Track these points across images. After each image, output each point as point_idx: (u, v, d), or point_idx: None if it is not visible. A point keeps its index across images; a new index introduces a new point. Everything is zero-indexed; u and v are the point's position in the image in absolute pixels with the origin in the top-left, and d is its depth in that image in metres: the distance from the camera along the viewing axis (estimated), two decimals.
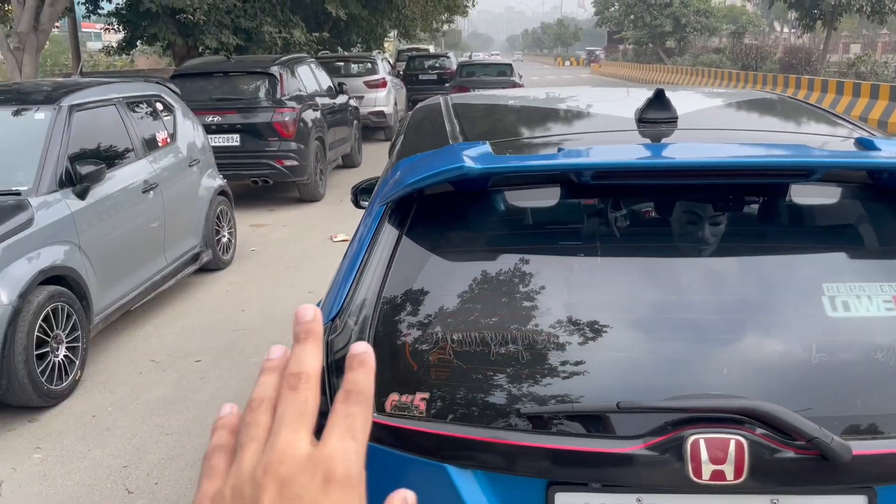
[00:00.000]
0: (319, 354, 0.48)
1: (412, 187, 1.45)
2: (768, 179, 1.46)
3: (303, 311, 0.49)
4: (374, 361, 0.46)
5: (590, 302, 1.45)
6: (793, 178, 1.44)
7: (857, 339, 1.37)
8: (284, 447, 0.44)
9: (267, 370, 0.49)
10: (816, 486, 1.28)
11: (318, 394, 0.46)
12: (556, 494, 1.33)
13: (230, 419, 0.49)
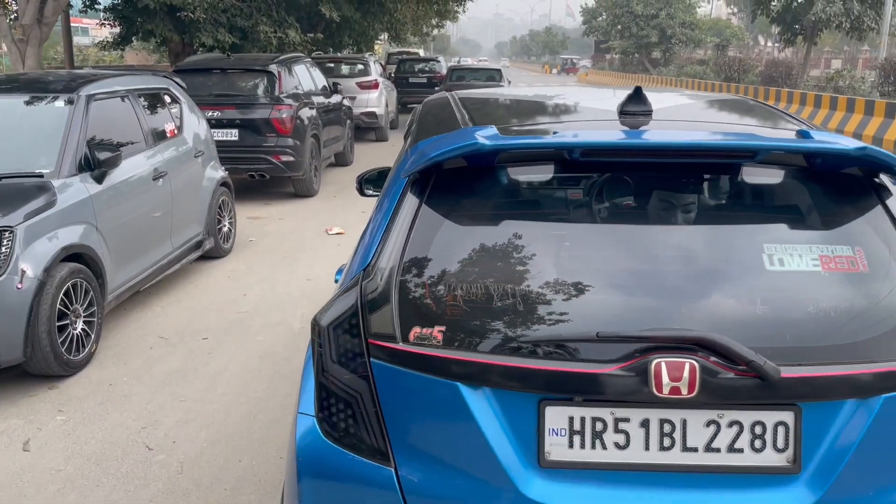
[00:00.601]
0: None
1: (434, 160, 1.77)
2: (722, 160, 1.80)
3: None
4: None
5: (576, 258, 1.78)
6: (742, 159, 1.77)
7: (789, 287, 1.70)
8: None
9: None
10: (753, 402, 1.60)
11: None
12: (546, 408, 1.64)
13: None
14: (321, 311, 1.83)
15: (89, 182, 4.62)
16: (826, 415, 1.62)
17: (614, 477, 1.64)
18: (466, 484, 1.67)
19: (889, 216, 1.79)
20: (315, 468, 1.77)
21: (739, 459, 1.62)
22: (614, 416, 1.63)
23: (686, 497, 1.63)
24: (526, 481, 1.64)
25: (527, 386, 1.64)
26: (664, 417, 1.63)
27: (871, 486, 1.63)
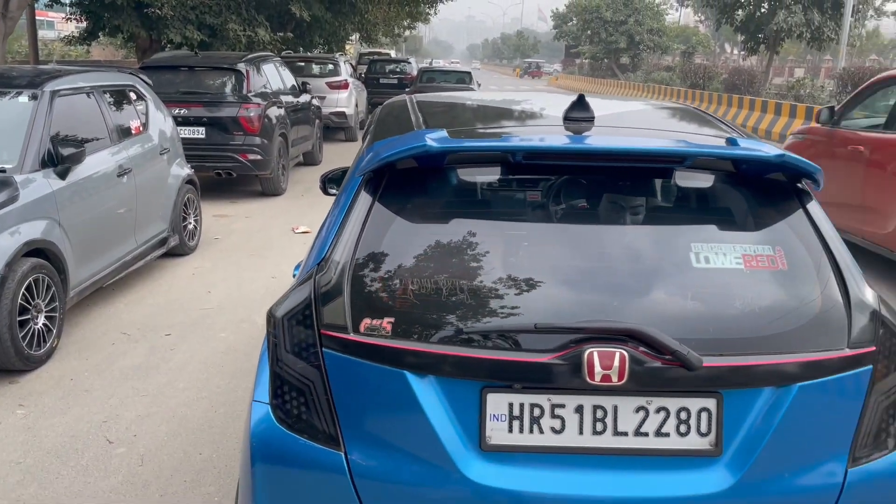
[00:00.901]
0: None
1: (386, 160, 1.87)
2: (654, 164, 1.92)
3: None
4: None
5: (518, 255, 1.89)
6: (673, 164, 1.90)
7: (713, 284, 1.82)
8: None
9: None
10: (678, 390, 1.72)
11: None
12: (488, 395, 1.75)
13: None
14: (276, 303, 1.92)
15: (52, 178, 4.62)
16: (746, 402, 1.75)
17: (551, 459, 1.75)
18: (412, 467, 1.76)
19: (809, 219, 1.93)
20: (268, 453, 1.85)
21: (666, 443, 1.74)
22: (551, 403, 1.74)
23: (616, 478, 1.75)
24: (468, 464, 1.74)
25: (470, 374, 1.74)
26: (597, 403, 1.74)
27: (786, 467, 1.76)
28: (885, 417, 1.81)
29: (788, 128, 16.32)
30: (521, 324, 1.76)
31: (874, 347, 1.79)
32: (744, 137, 2.10)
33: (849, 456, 1.78)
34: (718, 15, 24.26)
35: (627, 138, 2.02)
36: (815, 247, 1.88)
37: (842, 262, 1.86)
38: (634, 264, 1.86)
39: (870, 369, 1.78)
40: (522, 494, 1.73)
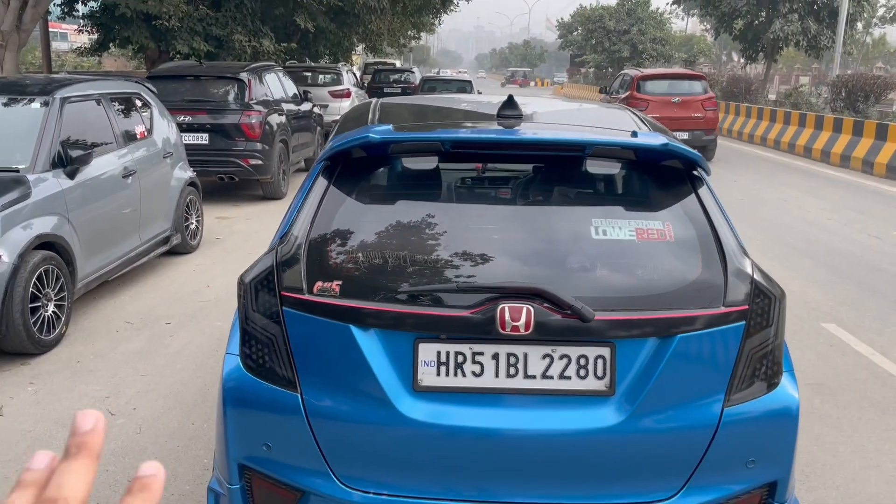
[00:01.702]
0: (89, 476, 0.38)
1: (335, 150, 2.22)
2: (561, 152, 2.26)
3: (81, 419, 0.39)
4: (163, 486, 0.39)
5: (448, 229, 2.23)
6: (576, 152, 2.24)
7: (609, 252, 2.15)
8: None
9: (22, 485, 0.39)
10: (577, 339, 2.05)
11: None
12: (420, 344, 2.08)
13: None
14: (245, 271, 2.27)
15: (62, 177, 5.00)
16: (635, 350, 2.08)
17: (472, 398, 2.09)
18: (357, 405, 2.10)
19: (698, 199, 2.26)
20: (238, 396, 2.20)
21: (568, 384, 2.08)
22: (472, 351, 2.08)
23: (527, 414, 2.08)
24: (402, 402, 2.08)
25: (404, 327, 2.08)
26: (510, 352, 2.08)
27: (670, 405, 2.09)
28: (757, 367, 2.13)
29: (784, 134, 16.62)
30: (447, 285, 2.10)
31: (747, 307, 2.11)
32: (650, 131, 2.43)
33: (724, 397, 2.10)
34: (717, 24, 24.59)
35: (537, 131, 2.36)
36: (700, 223, 2.21)
37: (723, 235, 2.19)
38: (542, 235, 2.20)
39: (743, 325, 2.11)
40: (448, 427, 2.07)
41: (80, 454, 0.38)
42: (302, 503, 2.18)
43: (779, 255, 7.38)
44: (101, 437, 0.40)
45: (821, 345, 4.99)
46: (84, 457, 0.38)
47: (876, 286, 6.35)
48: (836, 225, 8.87)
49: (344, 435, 2.13)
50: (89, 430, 0.39)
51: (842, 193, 11.25)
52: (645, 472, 2.11)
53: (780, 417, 2.15)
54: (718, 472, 2.12)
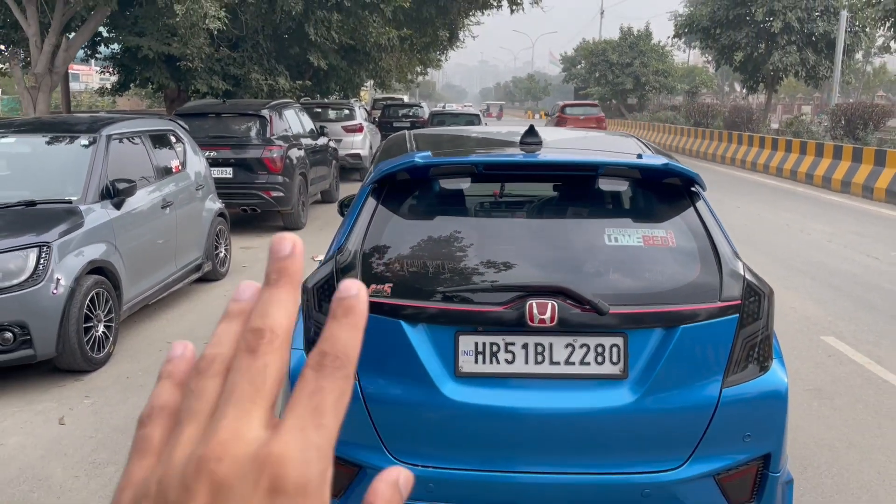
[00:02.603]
0: (293, 305, 0.36)
1: (384, 173, 2.60)
2: (579, 172, 2.63)
3: (279, 244, 0.37)
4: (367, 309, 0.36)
5: (483, 239, 2.60)
6: (590, 172, 2.61)
7: (621, 256, 2.51)
8: (225, 438, 0.33)
9: (229, 315, 0.38)
10: (595, 330, 2.40)
11: (284, 359, 0.35)
12: (460, 336, 2.44)
13: (178, 366, 0.38)
14: (308, 278, 2.63)
15: (110, 208, 5.42)
16: (644, 339, 2.43)
17: (505, 382, 2.44)
18: (406, 389, 2.46)
19: (696, 211, 2.63)
20: None
21: (588, 369, 2.42)
22: (505, 341, 2.44)
23: (553, 395, 2.43)
24: (446, 386, 2.43)
25: (447, 322, 2.44)
26: (537, 342, 2.43)
27: (676, 386, 2.43)
28: (750, 353, 2.48)
29: (786, 161, 17.03)
30: (484, 285, 2.47)
31: (740, 301, 2.46)
32: (653, 154, 2.81)
33: (722, 380, 2.44)
34: (717, 56, 25.22)
35: (555, 154, 2.74)
36: (698, 230, 2.57)
37: (718, 241, 2.55)
38: (564, 243, 2.57)
39: (737, 317, 2.45)
40: (485, 407, 2.41)
41: (280, 281, 0.36)
42: (359, 477, 2.51)
43: (781, 276, 7.71)
44: (301, 262, 0.37)
45: (820, 355, 5.30)
46: (285, 283, 0.36)
47: (874, 302, 6.67)
48: (837, 247, 9.20)
49: (396, 416, 2.48)
50: (288, 254, 0.37)
51: (842, 217, 11.59)
52: (655, 444, 2.44)
53: (771, 397, 2.49)
54: (719, 444, 2.45)
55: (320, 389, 0.34)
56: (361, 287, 0.37)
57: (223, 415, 0.34)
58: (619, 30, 40.60)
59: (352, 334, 0.35)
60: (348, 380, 0.35)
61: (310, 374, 0.35)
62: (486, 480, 2.44)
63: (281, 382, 0.35)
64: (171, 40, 12.21)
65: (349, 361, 0.35)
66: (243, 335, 0.36)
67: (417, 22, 19.75)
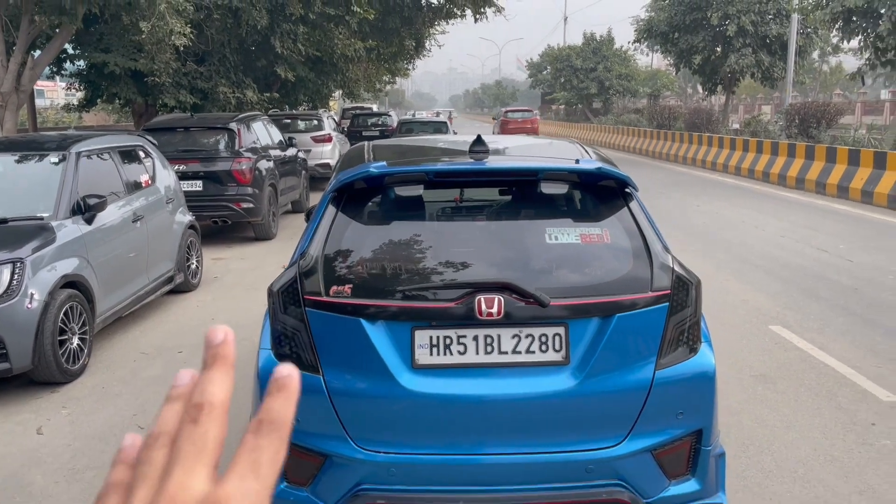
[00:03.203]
0: (228, 382, 0.42)
1: (342, 183, 2.81)
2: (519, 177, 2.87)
3: (212, 334, 0.43)
4: (299, 387, 0.42)
5: (435, 241, 2.82)
6: (531, 177, 2.85)
7: (560, 253, 2.75)
8: (175, 490, 0.39)
9: (171, 399, 0.43)
10: (538, 321, 2.63)
11: (222, 426, 0.41)
12: (416, 331, 2.65)
13: (129, 452, 0.43)
14: (273, 282, 2.83)
15: (81, 223, 5.55)
16: (584, 328, 2.66)
17: (458, 372, 2.66)
18: (368, 382, 2.66)
19: (629, 210, 2.87)
20: None
21: (533, 357, 2.65)
22: (457, 334, 2.66)
23: (502, 381, 2.65)
24: (404, 377, 2.64)
25: (403, 318, 2.65)
26: (487, 333, 2.65)
27: (613, 370, 2.67)
28: (680, 338, 2.72)
29: (744, 160, 17.53)
30: (436, 283, 2.69)
31: (669, 291, 2.71)
32: (591, 159, 3.06)
33: (656, 363, 2.69)
34: (676, 60, 25.83)
35: (500, 162, 2.98)
36: (631, 228, 2.82)
37: (648, 237, 2.79)
38: (509, 243, 2.80)
39: (667, 305, 2.70)
40: (441, 395, 2.63)
41: (215, 364, 0.41)
42: (326, 465, 2.71)
43: (736, 269, 8.05)
44: (233, 348, 0.42)
45: (767, 343, 5.61)
46: (220, 365, 0.42)
47: (820, 292, 7.02)
48: (789, 241, 9.59)
49: (358, 407, 2.68)
50: (221, 341, 0.42)
51: (797, 213, 12.04)
52: (596, 424, 2.68)
53: (700, 377, 2.74)
54: (655, 422, 2.69)
55: (258, 447, 0.40)
56: (293, 368, 0.44)
57: (171, 474, 0.39)
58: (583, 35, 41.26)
59: (285, 405, 0.42)
60: (283, 441, 0.41)
61: (250, 437, 0.41)
62: (444, 463, 2.66)
63: (221, 446, 0.41)
64: (138, 56, 12.30)
65: (283, 426, 0.41)
66: (186, 410, 0.41)
67: (383, 32, 19.98)
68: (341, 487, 2.70)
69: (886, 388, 4.70)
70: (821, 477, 3.62)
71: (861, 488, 3.51)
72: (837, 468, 3.71)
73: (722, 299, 6.86)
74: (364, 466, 2.67)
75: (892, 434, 4.08)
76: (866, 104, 45.26)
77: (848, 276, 7.64)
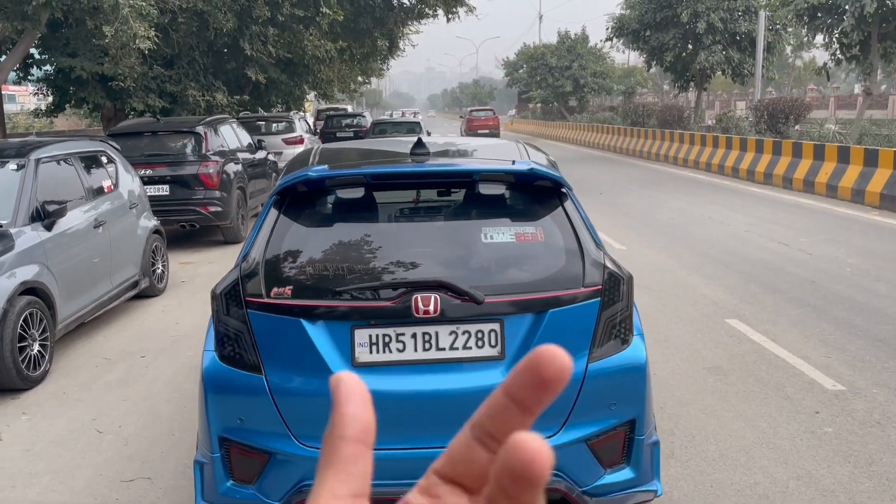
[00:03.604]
0: None
1: (282, 187, 2.87)
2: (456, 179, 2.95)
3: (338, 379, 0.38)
4: None
5: (374, 241, 2.89)
6: (466, 178, 2.93)
7: (496, 251, 2.83)
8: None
9: None
10: (474, 318, 2.70)
11: None
12: (356, 330, 2.72)
13: None
14: (216, 285, 2.89)
15: (40, 230, 5.55)
16: (518, 323, 2.75)
17: (398, 369, 2.73)
18: (309, 381, 2.73)
19: (563, 209, 2.96)
20: (215, 382, 2.80)
21: (470, 353, 2.73)
22: (395, 332, 2.73)
23: (441, 377, 2.73)
24: None
25: (342, 318, 2.72)
26: (424, 331, 2.73)
27: None
28: (612, 332, 2.81)
29: (714, 156, 17.77)
30: (374, 283, 2.76)
31: (600, 286, 2.80)
32: (527, 160, 3.14)
33: (588, 356, 2.78)
34: (648, 57, 26.10)
35: (437, 164, 3.05)
36: (565, 226, 2.91)
37: (581, 235, 2.88)
38: (447, 243, 2.88)
39: (598, 300, 2.79)
40: (380, 392, 2.70)
41: None
42: (270, 463, 2.77)
43: (698, 265, 8.20)
44: None
45: (722, 336, 5.74)
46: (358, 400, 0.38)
47: (777, 285, 7.17)
48: (753, 236, 9.77)
49: (300, 406, 2.75)
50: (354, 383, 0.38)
51: (762, 208, 12.24)
52: None
53: (632, 368, 2.83)
54: (589, 412, 2.78)
55: None
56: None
57: None
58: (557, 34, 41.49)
59: None
60: None
61: None
62: (385, 458, 2.72)
63: None
64: (104, 60, 12.23)
65: None
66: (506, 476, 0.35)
67: (355, 33, 19.99)
68: (286, 484, 2.76)
69: (833, 377, 4.84)
70: (762, 464, 3.74)
71: (799, 474, 3.63)
72: (779, 455, 3.83)
73: (682, 294, 6.99)
74: (307, 463, 2.73)
75: (835, 422, 4.21)
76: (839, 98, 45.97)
77: (806, 268, 7.81)
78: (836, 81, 61.51)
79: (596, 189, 15.07)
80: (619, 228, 10.55)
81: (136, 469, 3.91)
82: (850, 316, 6.12)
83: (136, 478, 3.84)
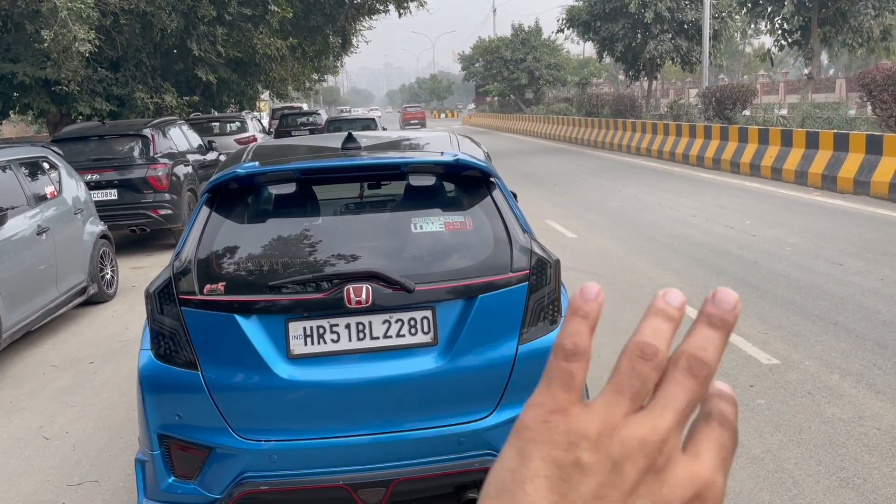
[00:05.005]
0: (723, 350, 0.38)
1: (212, 184, 2.90)
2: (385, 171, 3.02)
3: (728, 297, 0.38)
4: None
5: (306, 235, 2.93)
6: (395, 170, 2.99)
7: (426, 241, 2.90)
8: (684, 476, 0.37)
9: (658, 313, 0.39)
10: (406, 306, 2.77)
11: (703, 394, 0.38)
12: (290, 323, 2.76)
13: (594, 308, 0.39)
14: (150, 284, 2.90)
15: None
16: (449, 310, 2.82)
17: (333, 359, 2.78)
18: (245, 375, 2.77)
19: (492, 198, 3.04)
20: (152, 381, 2.83)
21: (403, 341, 2.80)
22: (329, 323, 2.78)
23: (376, 365, 2.79)
24: (280, 368, 2.75)
25: (276, 311, 2.76)
26: (358, 321, 2.78)
27: (479, 347, 2.83)
28: (540, 314, 2.90)
29: (665, 144, 18.09)
30: (305, 276, 2.81)
31: (528, 271, 2.89)
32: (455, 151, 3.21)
33: (518, 338, 2.86)
34: (600, 48, 26.43)
35: (366, 157, 3.11)
36: (493, 214, 2.99)
37: (509, 222, 2.96)
38: (378, 234, 2.94)
39: (526, 284, 2.88)
40: (316, 383, 2.75)
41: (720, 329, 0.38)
42: (210, 457, 2.81)
43: (648, 250, 8.39)
44: None
45: None
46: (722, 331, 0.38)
47: (721, 267, 7.39)
48: (700, 220, 10.01)
49: (238, 399, 2.78)
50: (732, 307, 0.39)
51: (710, 193, 12.53)
52: (466, 398, 2.84)
53: None
54: (522, 393, 2.87)
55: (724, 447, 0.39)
56: None
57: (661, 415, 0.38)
58: (511, 27, 41.72)
59: None
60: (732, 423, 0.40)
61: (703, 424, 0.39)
62: (323, 446, 2.78)
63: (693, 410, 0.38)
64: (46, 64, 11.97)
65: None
66: (688, 357, 0.38)
67: (305, 30, 19.84)
68: (226, 477, 2.80)
69: (769, 352, 5.03)
70: None
71: None
72: None
73: (629, 278, 7.16)
74: (247, 455, 2.77)
75: (768, 393, 4.39)
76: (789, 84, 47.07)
77: (749, 250, 8.05)
78: (784, 67, 62.84)
79: (550, 180, 15.25)
80: (571, 218, 10.72)
81: (83, 473, 3.90)
82: (789, 294, 6.34)
83: (83, 481, 3.84)
